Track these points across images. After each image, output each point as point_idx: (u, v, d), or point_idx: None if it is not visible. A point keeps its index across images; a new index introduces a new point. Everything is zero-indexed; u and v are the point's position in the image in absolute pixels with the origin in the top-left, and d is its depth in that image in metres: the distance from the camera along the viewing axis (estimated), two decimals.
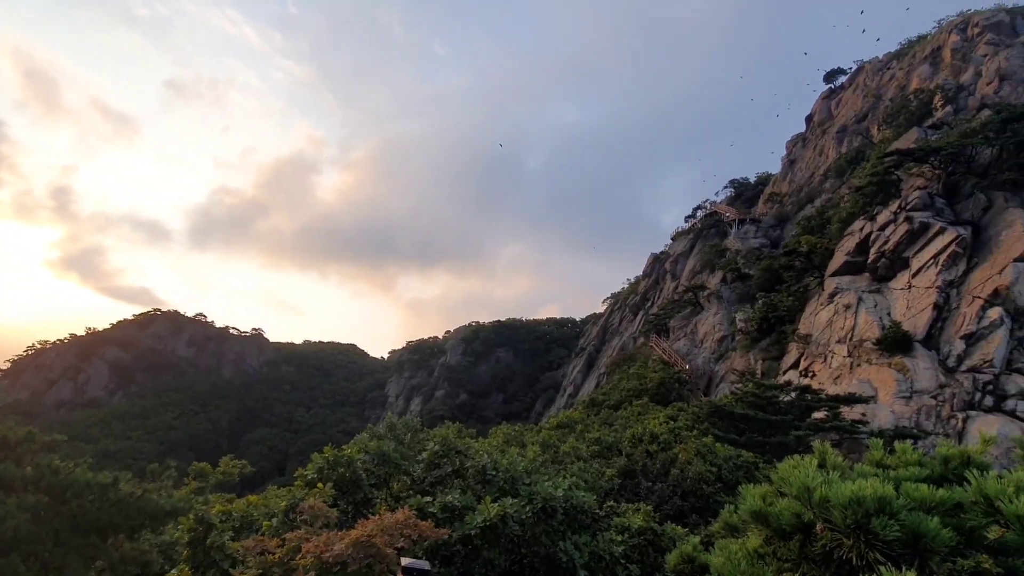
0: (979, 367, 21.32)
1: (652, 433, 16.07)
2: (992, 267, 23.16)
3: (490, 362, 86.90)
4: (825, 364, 27.12)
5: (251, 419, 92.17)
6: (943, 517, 1.86)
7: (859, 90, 50.51)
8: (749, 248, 45.23)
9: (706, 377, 36.78)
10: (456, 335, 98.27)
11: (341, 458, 9.27)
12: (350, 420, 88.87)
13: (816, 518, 1.96)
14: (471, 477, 8.99)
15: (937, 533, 1.78)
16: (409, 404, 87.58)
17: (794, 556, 2.07)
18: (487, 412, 74.60)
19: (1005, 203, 25.15)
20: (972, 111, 32.46)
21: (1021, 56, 33.25)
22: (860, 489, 1.80)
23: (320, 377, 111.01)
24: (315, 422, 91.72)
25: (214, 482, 26.22)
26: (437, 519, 8.00)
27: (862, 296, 27.51)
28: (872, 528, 1.78)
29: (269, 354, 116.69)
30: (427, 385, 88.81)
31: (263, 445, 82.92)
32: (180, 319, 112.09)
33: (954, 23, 41.85)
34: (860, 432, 19.62)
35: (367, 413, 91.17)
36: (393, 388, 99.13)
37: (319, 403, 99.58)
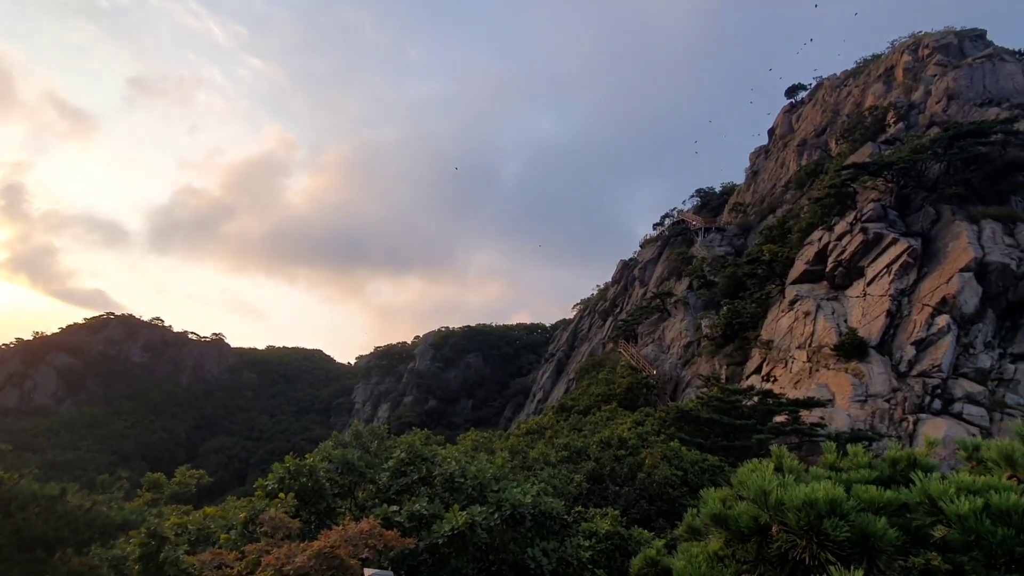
0: (928, 372, 22.30)
1: (620, 438, 16.18)
2: (940, 277, 24.31)
3: (460, 368, 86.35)
4: (786, 369, 27.92)
5: (210, 427, 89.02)
6: (890, 517, 1.92)
7: (818, 105, 52.53)
8: (714, 256, 46.34)
9: (673, 382, 37.38)
10: (425, 340, 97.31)
11: (303, 467, 8.97)
12: (315, 427, 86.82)
13: (772, 520, 2.00)
14: (439, 485, 8.83)
15: (884, 533, 1.84)
16: (377, 411, 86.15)
17: (752, 558, 2.11)
18: (456, 418, 74.02)
19: (952, 216, 26.47)
20: (922, 128, 34.12)
21: (968, 77, 35.16)
22: (813, 492, 1.85)
23: (284, 383, 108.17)
24: (278, 430, 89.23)
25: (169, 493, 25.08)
26: (403, 528, 7.81)
27: (821, 303, 28.47)
28: (824, 529, 1.83)
29: (230, 360, 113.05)
30: (395, 391, 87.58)
31: (223, 454, 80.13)
32: (135, 323, 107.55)
33: (906, 44, 44.02)
34: (818, 435, 20.21)
35: (333, 420, 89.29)
36: (360, 394, 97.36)
37: (283, 410, 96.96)
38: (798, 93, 60.08)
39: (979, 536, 1.63)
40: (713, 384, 27.67)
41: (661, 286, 50.68)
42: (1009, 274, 23.15)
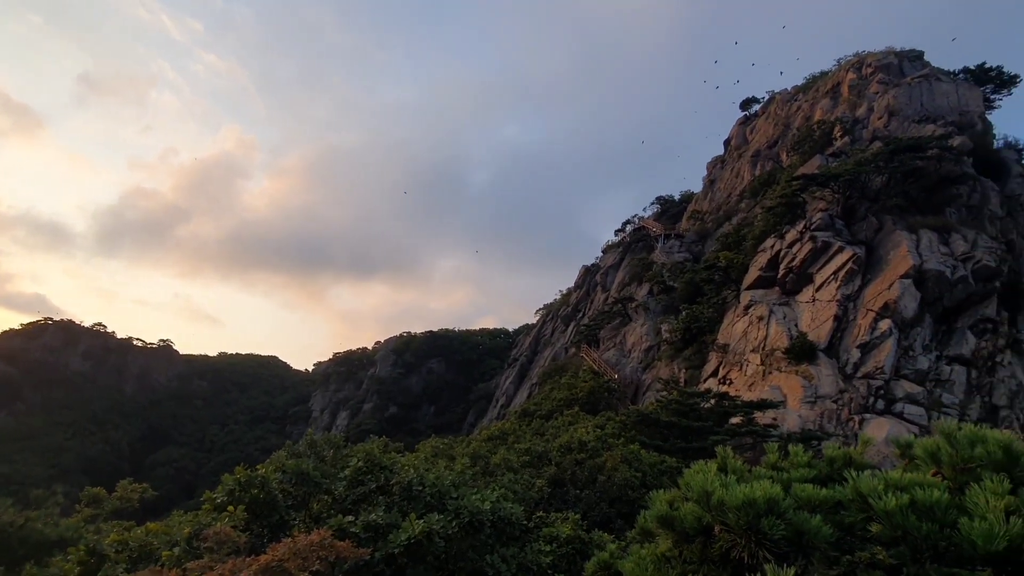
0: (872, 374, 23.42)
1: (581, 441, 16.29)
2: (883, 283, 25.61)
3: (422, 373, 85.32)
4: (741, 372, 28.80)
5: (157, 439, 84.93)
6: (825, 515, 1.99)
7: (771, 118, 54.68)
8: (673, 262, 47.45)
9: (634, 386, 37.98)
10: (387, 346, 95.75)
11: (255, 478, 8.62)
12: (270, 437, 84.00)
13: (714, 521, 2.03)
14: (396, 493, 8.64)
15: (818, 530, 1.89)
16: (335, 419, 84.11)
17: (696, 558, 2.15)
18: (418, 425, 73.02)
19: (893, 226, 27.96)
20: (866, 142, 35.94)
21: (907, 95, 37.30)
22: (752, 491, 1.90)
23: (237, 392, 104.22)
24: (230, 440, 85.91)
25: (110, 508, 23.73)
26: (359, 539, 7.60)
27: (773, 308, 29.53)
28: (762, 528, 1.87)
29: (179, 368, 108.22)
30: (355, 398, 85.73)
31: (170, 467, 76.54)
32: (75, 329, 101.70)
33: (851, 62, 46.36)
34: (771, 435, 20.86)
35: (289, 429, 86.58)
36: (318, 402, 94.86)
37: (235, 420, 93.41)
38: (752, 106, 62.38)
39: (905, 531, 1.69)
40: (672, 387, 28.25)
41: (622, 291, 51.53)
42: (944, 281, 24.59)
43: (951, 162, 30.02)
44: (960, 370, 23.39)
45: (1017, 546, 1.42)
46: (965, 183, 29.51)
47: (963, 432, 1.96)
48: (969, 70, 40.89)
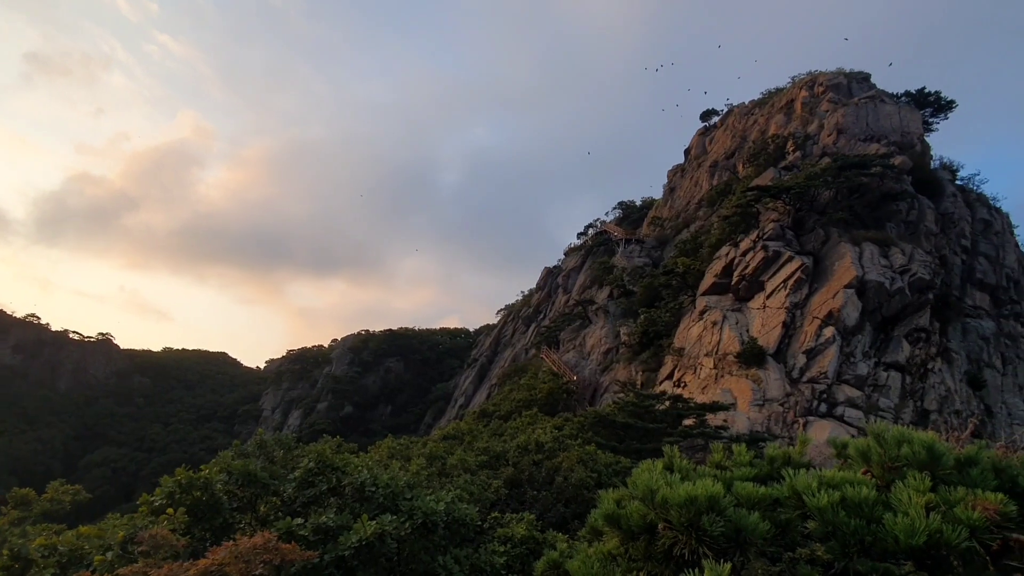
0: (816, 378, 24.52)
1: (539, 442, 16.36)
2: (828, 292, 26.86)
3: (379, 372, 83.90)
4: (695, 375, 29.62)
5: (93, 438, 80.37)
6: (763, 512, 2.05)
7: (728, 130, 56.55)
8: (634, 266, 48.39)
9: (592, 388, 38.48)
10: (343, 344, 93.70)
11: (197, 480, 8.26)
12: (217, 437, 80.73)
13: (658, 518, 2.07)
14: (349, 495, 8.45)
15: (755, 527, 1.96)
16: (287, 418, 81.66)
17: (641, 555, 2.18)
18: (374, 425, 71.74)
19: (838, 238, 29.37)
20: (816, 158, 37.64)
21: (854, 114, 39.27)
22: (695, 489, 1.95)
23: (182, 389, 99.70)
24: (173, 440, 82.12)
25: (39, 511, 22.23)
26: (308, 541, 7.39)
27: (727, 314, 30.51)
28: (702, 525, 1.92)
29: (119, 363, 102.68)
30: (308, 397, 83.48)
31: (107, 467, 72.53)
32: (5, 320, 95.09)
33: (804, 80, 48.48)
34: (721, 436, 21.52)
35: (238, 429, 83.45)
36: (269, 401, 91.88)
37: (180, 418, 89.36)
38: (711, 117, 64.33)
39: (835, 527, 1.77)
40: (629, 390, 28.78)
41: (583, 294, 52.17)
42: (883, 292, 26.00)
43: (892, 180, 31.79)
44: (896, 376, 24.78)
45: (936, 540, 1.50)
46: (904, 200, 31.32)
47: (891, 433, 2.07)
48: (910, 94, 43.46)
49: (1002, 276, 32.38)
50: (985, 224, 34.36)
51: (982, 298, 30.83)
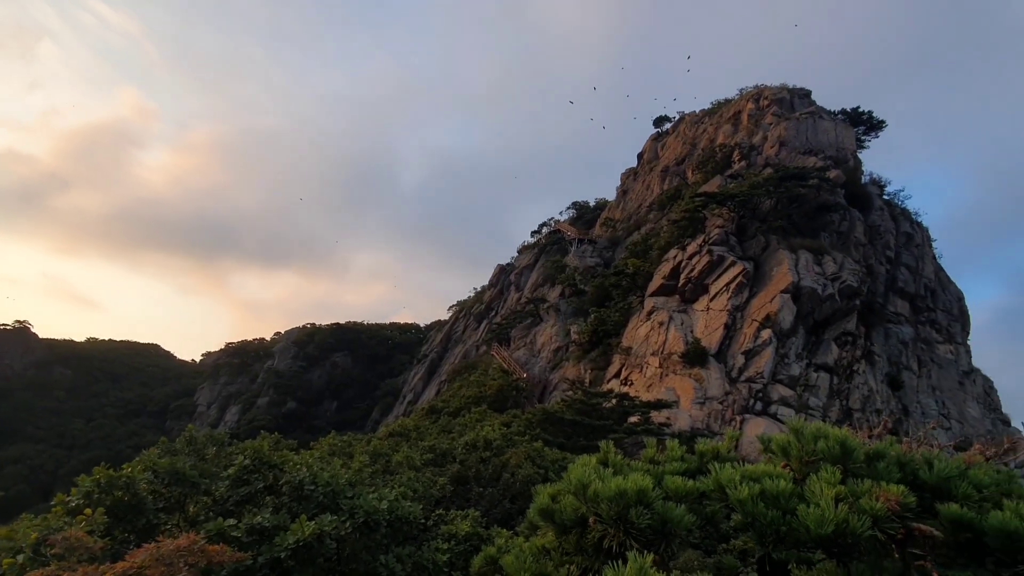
0: (754, 378, 25.70)
1: (487, 439, 16.36)
2: (766, 296, 28.19)
3: (325, 367, 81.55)
4: (641, 374, 30.43)
5: (8, 434, 74.23)
6: (690, 505, 2.12)
7: (680, 137, 58.36)
8: (586, 266, 49.17)
9: (542, 385, 38.86)
10: (287, 337, 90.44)
11: (118, 478, 7.75)
12: (146, 433, 76.08)
13: (589, 512, 2.10)
14: (286, 493, 8.15)
15: (681, 519, 2.03)
16: (224, 414, 78.11)
17: (573, 549, 2.21)
18: (319, 421, 69.68)
19: (777, 245, 30.88)
20: (760, 168, 39.41)
21: (795, 128, 41.34)
22: (625, 483, 1.99)
23: (108, 382, 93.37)
24: (97, 436, 76.92)
25: None
26: (241, 543, 7.08)
27: (673, 315, 31.50)
28: (630, 518, 1.95)
29: (38, 354, 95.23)
30: (248, 392, 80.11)
31: (23, 465, 67.17)
32: None
33: (751, 94, 50.65)
34: (664, 433, 22.21)
35: (170, 425, 79.03)
36: (205, 396, 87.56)
37: (105, 413, 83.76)
38: (664, 124, 66.20)
39: (754, 518, 1.84)
40: (577, 387, 29.23)
41: (535, 292, 52.58)
42: (816, 297, 27.55)
43: (828, 192, 33.71)
44: (825, 376, 26.32)
45: (842, 530, 1.59)
46: (837, 212, 33.27)
47: (809, 429, 2.18)
48: (846, 112, 46.19)
49: (921, 286, 34.97)
50: (907, 237, 37.00)
51: (903, 305, 33.19)
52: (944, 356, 33.19)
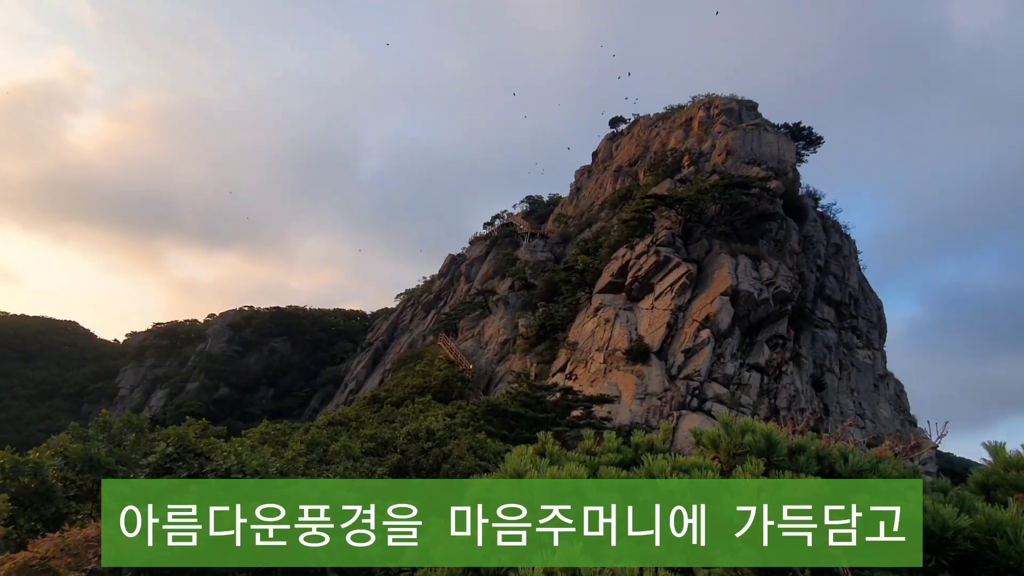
0: (691, 376, 26.74)
1: (429, 430, 16.22)
2: (707, 298, 29.34)
3: (263, 353, 78.37)
4: (586, 369, 31.03)
5: None
6: (623, 495, 2.15)
7: (634, 139, 59.65)
8: (536, 260, 49.55)
9: (487, 377, 38.93)
10: (222, 320, 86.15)
11: (25, 464, 7.18)
12: (60, 416, 70.42)
13: (523, 502, 2.08)
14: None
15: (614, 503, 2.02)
16: (149, 398, 73.77)
17: None
18: (253, 409, 66.95)
19: (720, 249, 32.16)
20: (707, 174, 40.82)
21: (741, 139, 43.08)
22: (558, 473, 2.02)
23: (18, 361, 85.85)
24: (5, 418, 70.73)
25: None
26: None
27: (619, 312, 32.26)
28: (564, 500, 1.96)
29: None
30: (177, 376, 75.90)
31: None
32: None
33: (702, 101, 52.37)
34: (605, 427, 22.77)
35: (86, 408, 73.69)
36: (128, 378, 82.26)
37: (14, 394, 77.16)
38: (620, 124, 67.43)
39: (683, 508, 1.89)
40: (523, 380, 29.48)
41: (485, 284, 52.54)
42: (752, 300, 28.92)
43: (767, 201, 35.38)
44: (756, 376, 27.72)
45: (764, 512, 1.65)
46: (775, 220, 35.00)
47: (738, 423, 2.27)
48: (788, 126, 48.56)
49: (846, 294, 37.39)
50: (836, 248, 39.44)
51: (829, 312, 35.38)
52: (863, 360, 35.68)
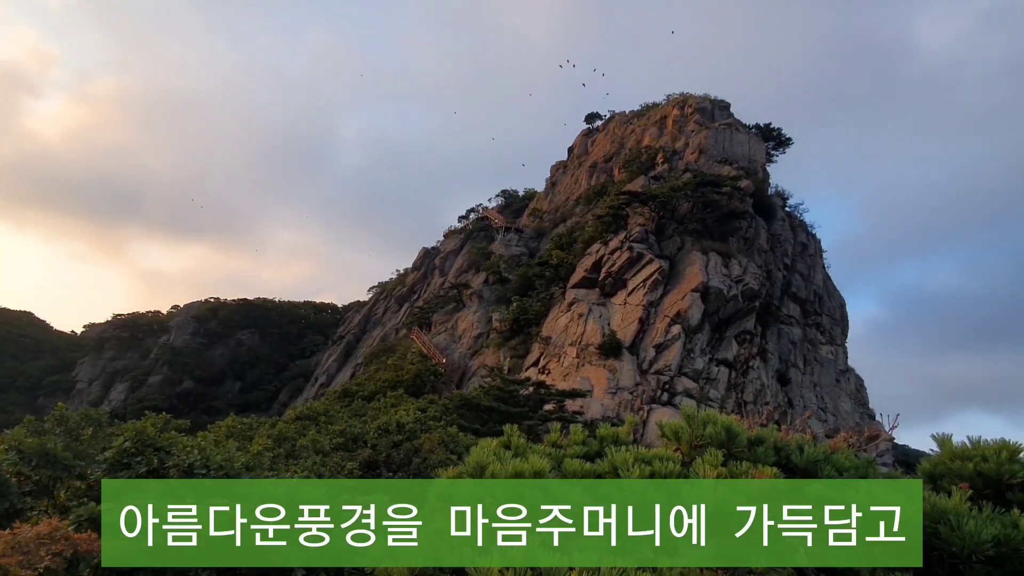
0: (662, 370, 27.20)
1: (400, 424, 16.12)
2: (678, 294, 29.84)
3: (229, 345, 76.36)
4: (559, 363, 31.25)
5: None
6: (587, 486, 2.17)
7: (609, 135, 60.06)
8: (511, 254, 49.56)
9: (460, 371, 38.85)
10: (187, 311, 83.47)
11: None
12: (14, 410, 67.37)
13: (486, 494, 2.09)
14: (173, 477, 7.56)
15: (577, 499, 2.04)
16: (109, 392, 71.19)
17: None
18: (218, 403, 65.27)
19: (691, 246, 32.72)
20: (680, 172, 41.41)
21: (714, 138, 43.80)
22: (521, 465, 2.01)
23: None
24: None
25: None
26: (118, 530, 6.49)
27: (592, 307, 32.56)
28: (526, 499, 1.97)
29: None
30: (138, 369, 73.31)
31: None
32: None
33: (676, 100, 53.03)
34: (577, 421, 22.97)
35: (42, 402, 70.73)
36: (87, 371, 79.17)
37: None
38: (595, 121, 67.76)
39: (644, 497, 1.92)
40: (496, 374, 29.53)
41: (460, 277, 52.32)
42: (722, 297, 29.53)
43: (738, 200, 36.11)
44: (724, 371, 28.36)
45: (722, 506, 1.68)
46: (745, 219, 35.76)
47: (700, 416, 2.31)
48: (759, 127, 49.61)
49: (811, 292, 38.51)
50: (803, 247, 40.54)
51: (794, 308, 36.40)
52: (825, 356, 36.85)
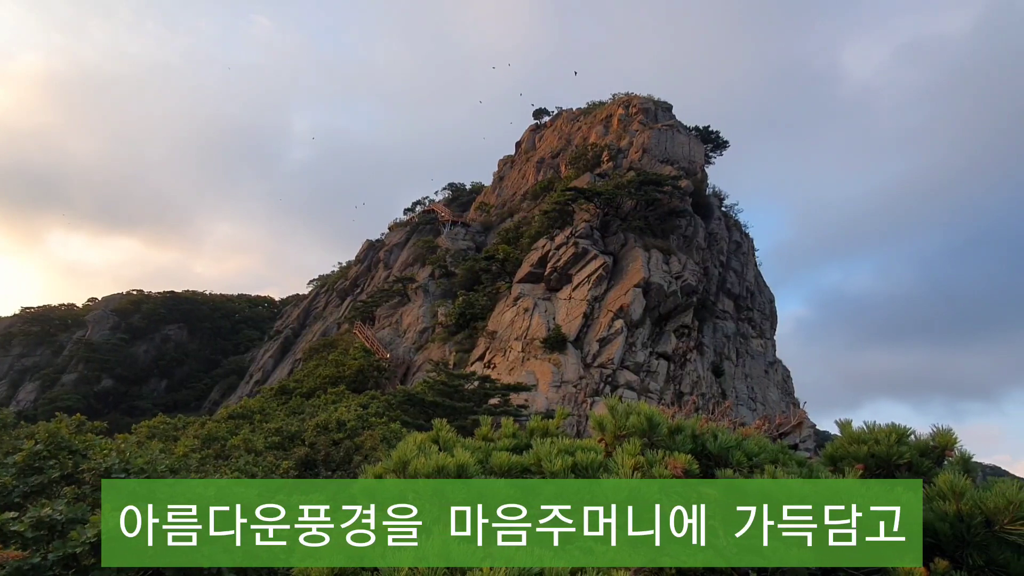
0: (605, 364, 27.90)
1: (340, 421, 15.72)
2: (621, 289, 30.66)
3: (155, 341, 71.67)
4: (504, 357, 31.41)
5: None
6: (514, 478, 2.20)
7: (557, 131, 60.69)
8: (457, 248, 49.24)
9: (405, 366, 38.31)
10: (105, 305, 77.57)
11: None
12: None
13: (408, 491, 2.09)
14: (89, 482, 7.04)
15: (499, 492, 2.08)
16: (17, 391, 65.31)
17: None
18: (142, 402, 61.23)
19: (634, 243, 33.67)
20: (624, 170, 42.45)
21: (657, 138, 45.15)
22: (444, 459, 2.02)
23: None
24: None
25: None
26: (25, 539, 5.98)
27: (538, 302, 32.91)
28: (447, 494, 1.97)
29: None
30: (50, 367, 67.58)
31: None
32: None
33: (622, 100, 54.24)
34: (522, 415, 23.21)
35: None
36: None
37: None
38: (543, 116, 68.28)
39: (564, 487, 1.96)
40: (441, 369, 29.28)
41: (405, 271, 51.49)
42: (662, 292, 30.60)
43: (678, 199, 37.47)
44: (663, 364, 29.44)
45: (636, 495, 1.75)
46: (684, 217, 37.17)
47: (623, 406, 2.39)
48: (699, 129, 51.56)
49: (744, 288, 40.57)
50: (737, 245, 42.60)
51: (728, 304, 38.24)
52: (756, 349, 38.97)
